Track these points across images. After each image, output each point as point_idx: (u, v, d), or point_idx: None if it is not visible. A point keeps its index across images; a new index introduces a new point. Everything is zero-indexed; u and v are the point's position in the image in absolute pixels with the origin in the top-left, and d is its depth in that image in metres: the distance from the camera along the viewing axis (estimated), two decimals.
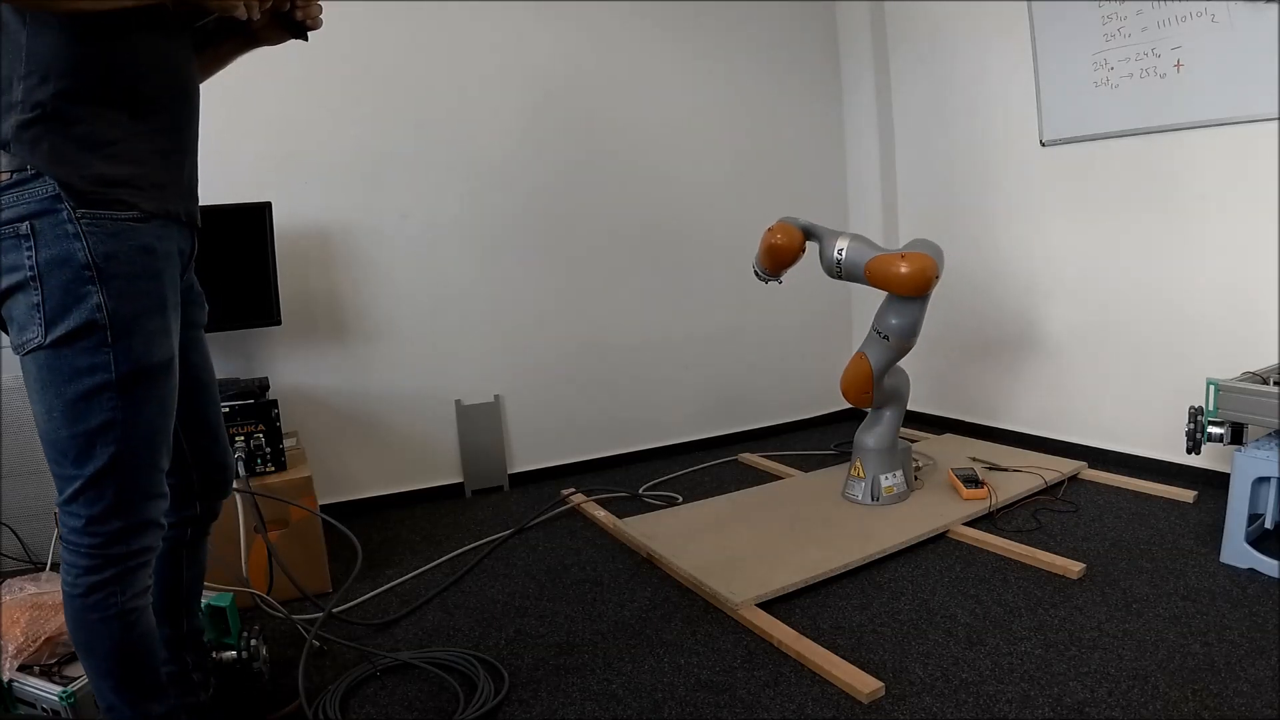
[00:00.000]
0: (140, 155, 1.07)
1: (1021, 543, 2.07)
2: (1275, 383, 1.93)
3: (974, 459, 2.73)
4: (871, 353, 2.33)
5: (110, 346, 1.03)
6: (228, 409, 1.97)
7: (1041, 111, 2.80)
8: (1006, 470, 2.60)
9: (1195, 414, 2.00)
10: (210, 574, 1.52)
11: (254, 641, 1.54)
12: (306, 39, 1.27)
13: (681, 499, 2.63)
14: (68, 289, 1.00)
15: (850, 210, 3.57)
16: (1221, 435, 1.95)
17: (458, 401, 2.84)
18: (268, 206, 2.32)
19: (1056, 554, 1.98)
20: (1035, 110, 2.81)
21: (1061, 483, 2.53)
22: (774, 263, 2.37)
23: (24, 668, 1.40)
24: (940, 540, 2.17)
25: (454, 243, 2.79)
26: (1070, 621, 1.69)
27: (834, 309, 3.57)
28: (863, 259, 2.20)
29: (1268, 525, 1.88)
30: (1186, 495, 2.34)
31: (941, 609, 1.79)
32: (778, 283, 2.48)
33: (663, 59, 3.10)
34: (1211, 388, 1.95)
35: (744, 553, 2.08)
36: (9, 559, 2.07)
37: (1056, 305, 2.88)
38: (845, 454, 2.77)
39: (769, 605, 1.82)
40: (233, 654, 1.52)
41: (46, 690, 1.36)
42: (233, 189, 2.31)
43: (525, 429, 2.97)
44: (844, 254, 2.23)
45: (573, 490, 2.74)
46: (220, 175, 2.09)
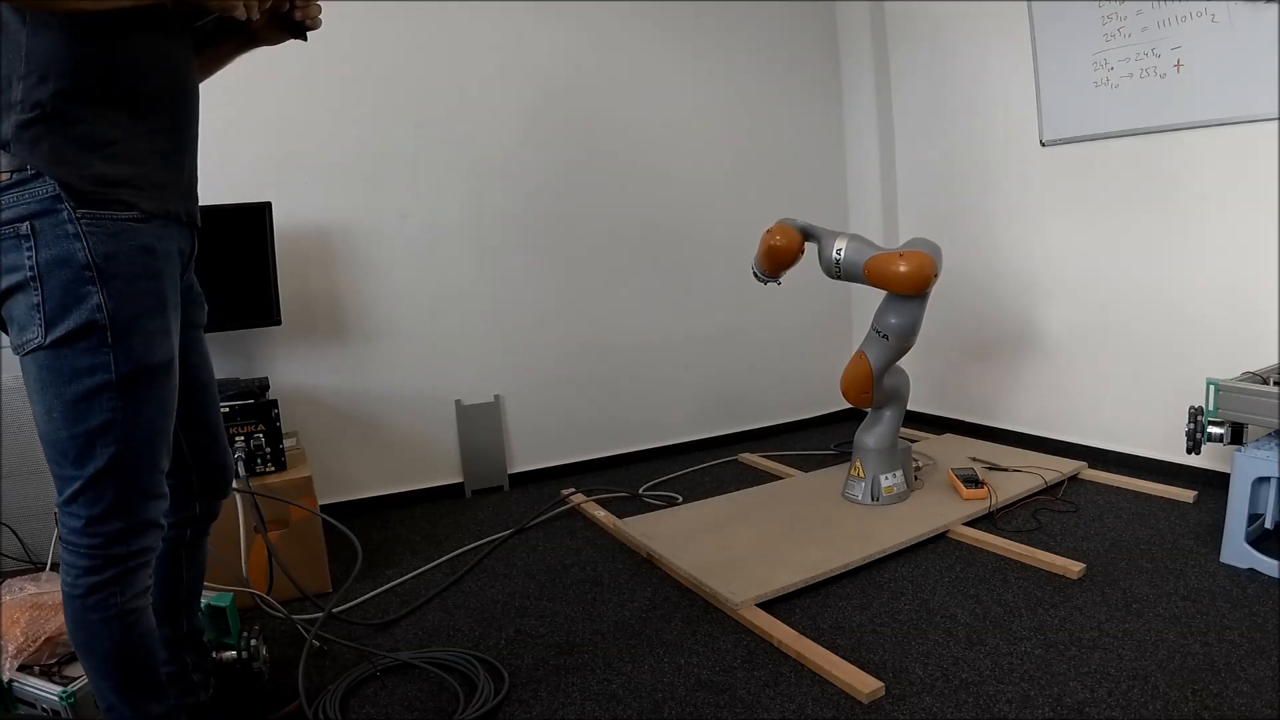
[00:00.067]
0: (140, 155, 1.07)
1: (1021, 543, 2.07)
2: (1275, 383, 1.93)
3: (974, 459, 2.73)
4: (871, 352, 2.33)
5: (110, 347, 1.03)
6: (228, 409, 1.97)
7: (1041, 111, 2.80)
8: (1006, 470, 2.60)
9: (1195, 414, 2.00)
10: (210, 574, 1.52)
11: (254, 641, 1.54)
12: (306, 39, 1.27)
13: (681, 499, 2.63)
14: (68, 289, 1.00)
15: (850, 210, 3.57)
16: (1221, 435, 1.95)
17: (458, 401, 2.84)
18: (268, 206, 2.32)
19: (1056, 554, 1.98)
20: (1035, 110, 2.81)
21: (1061, 483, 2.53)
22: (773, 264, 2.37)
23: (24, 668, 1.40)
24: (940, 540, 2.17)
25: (454, 243, 2.79)
26: (1070, 621, 1.69)
27: (834, 309, 3.57)
28: (861, 258, 2.21)
29: (1268, 525, 1.88)
30: (1186, 495, 2.34)
31: (941, 609, 1.79)
32: (777, 284, 2.48)
33: (663, 59, 3.10)
34: (1211, 388, 1.95)
35: (744, 553, 2.08)
36: (9, 559, 2.08)
37: (1056, 305, 2.88)
38: (845, 454, 2.77)
39: (769, 605, 1.82)
40: (233, 654, 1.52)
41: (46, 690, 1.36)
42: (233, 189, 2.31)
43: (525, 429, 2.97)
44: (842, 254, 2.23)
45: (573, 490, 2.74)
46: (220, 175, 2.09)
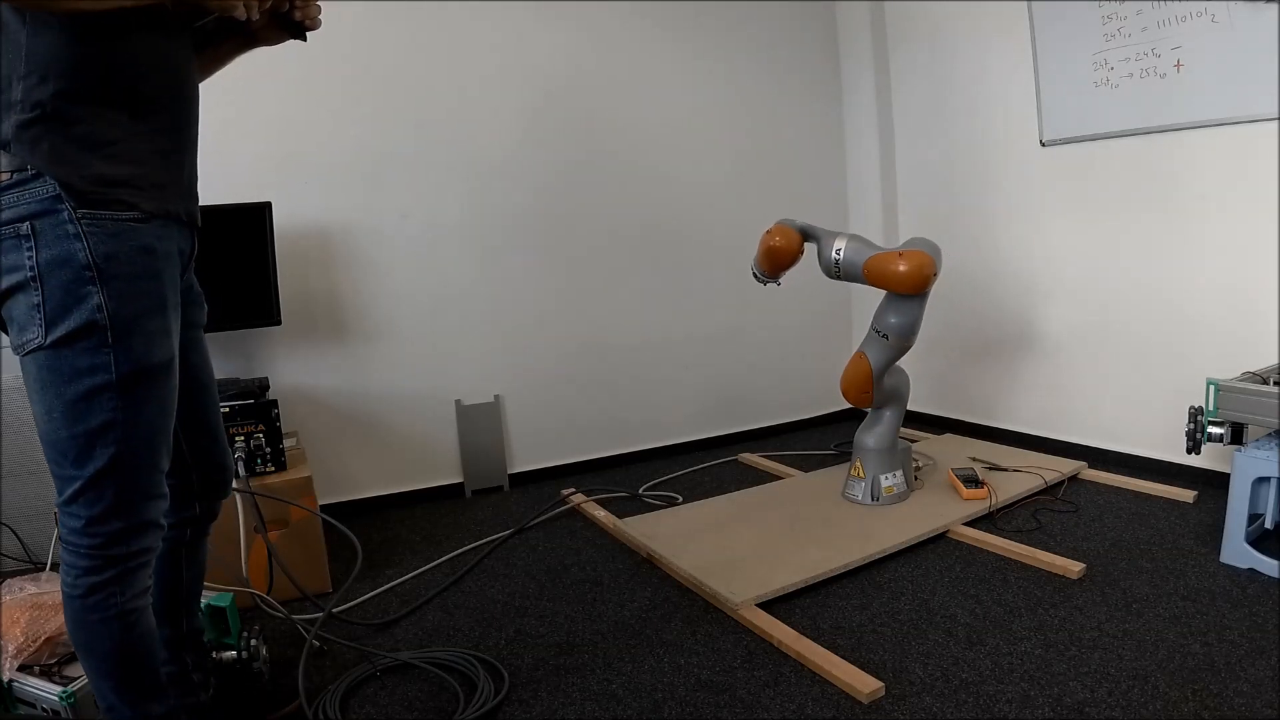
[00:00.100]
0: (140, 155, 1.07)
1: (1021, 543, 2.07)
2: (1275, 383, 1.93)
3: (974, 459, 2.73)
4: (871, 352, 2.33)
5: (110, 347, 1.03)
6: (228, 409, 1.97)
7: (1041, 111, 2.80)
8: (1006, 470, 2.60)
9: (1195, 414, 2.00)
10: (210, 574, 1.52)
11: (254, 641, 1.54)
12: (305, 39, 1.27)
13: (681, 499, 2.63)
14: (68, 289, 1.00)
15: (850, 210, 3.57)
16: (1221, 435, 1.95)
17: (458, 401, 2.84)
18: (268, 206, 2.32)
19: (1056, 554, 1.98)
20: (1035, 110, 2.81)
21: (1061, 483, 2.53)
22: (773, 265, 2.37)
23: (24, 668, 1.40)
24: (940, 540, 2.17)
25: (454, 243, 2.79)
26: (1070, 621, 1.69)
27: (834, 309, 3.57)
28: (861, 258, 2.21)
29: (1268, 525, 1.88)
30: (1186, 495, 2.34)
31: (941, 609, 1.79)
32: (776, 285, 2.48)
33: (663, 59, 3.10)
34: (1211, 388, 1.95)
35: (744, 553, 2.08)
36: (9, 559, 2.07)
37: (1056, 305, 2.88)
38: (845, 454, 2.77)
39: (769, 605, 1.82)
40: (233, 654, 1.52)
41: (46, 690, 1.36)
42: (233, 189, 2.31)
43: (525, 429, 2.97)
44: (842, 254, 2.23)
45: (573, 490, 2.74)
46: (220, 175, 2.08)
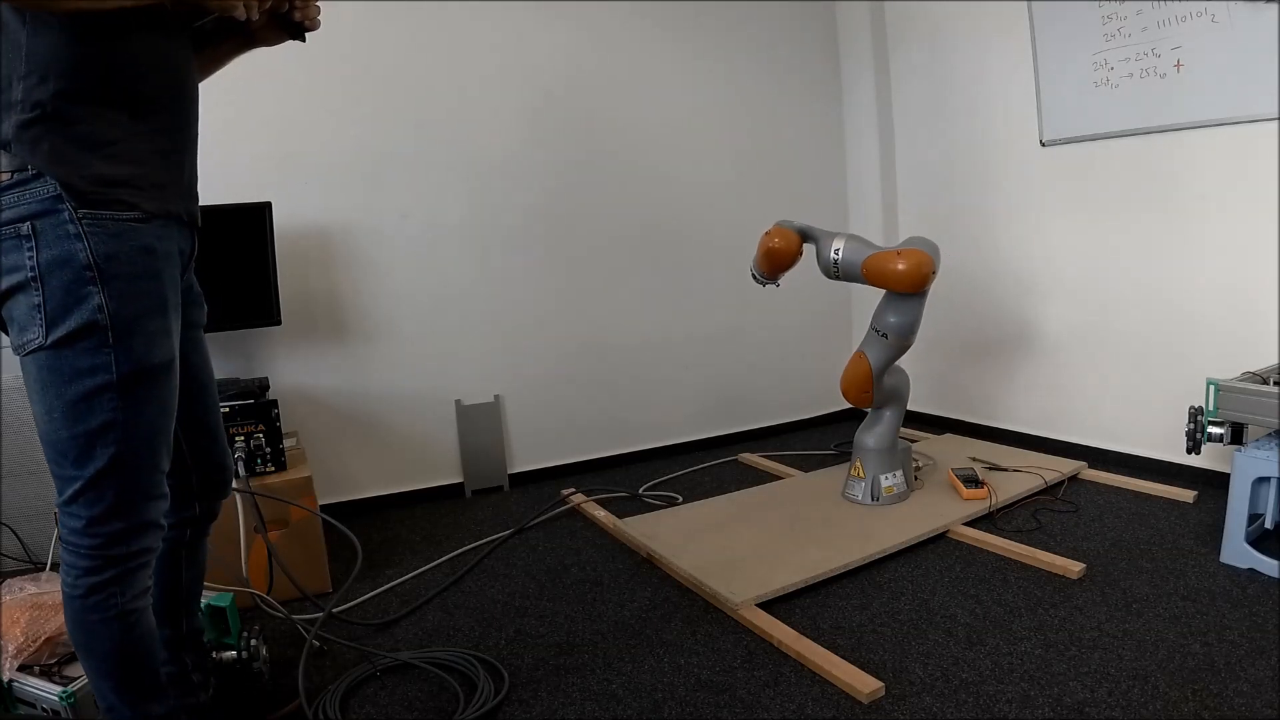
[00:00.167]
0: (140, 155, 1.07)
1: (1021, 543, 2.07)
2: (1275, 383, 1.93)
3: (974, 459, 2.73)
4: (871, 351, 2.33)
5: (111, 347, 1.03)
6: (228, 409, 1.97)
7: (1041, 111, 2.80)
8: (1006, 470, 2.60)
9: (1195, 414, 2.00)
10: (210, 574, 1.52)
11: (254, 641, 1.54)
12: (304, 40, 1.27)
13: (681, 499, 2.63)
14: (69, 290, 1.00)
15: (850, 210, 3.57)
16: (1221, 435, 1.95)
17: (458, 401, 2.84)
18: (268, 206, 2.32)
19: (1056, 554, 1.98)
20: (1035, 110, 2.81)
21: (1061, 483, 2.53)
22: (772, 266, 2.37)
23: (24, 668, 1.40)
24: (940, 540, 2.17)
25: (454, 243, 2.79)
26: (1070, 621, 1.69)
27: (834, 309, 3.57)
28: (859, 258, 2.21)
29: (1268, 525, 1.88)
30: (1186, 495, 2.34)
31: (941, 609, 1.79)
32: (775, 286, 2.48)
33: (663, 59, 3.10)
34: (1211, 388, 1.95)
35: (744, 553, 2.08)
36: (9, 559, 2.07)
37: (1056, 305, 2.88)
38: (845, 454, 2.77)
39: (769, 605, 1.82)
40: (233, 654, 1.52)
41: (46, 690, 1.36)
42: (233, 189, 2.30)
43: (525, 429, 2.97)
44: (840, 254, 2.23)
45: (573, 490, 2.74)
46: (220, 175, 2.08)
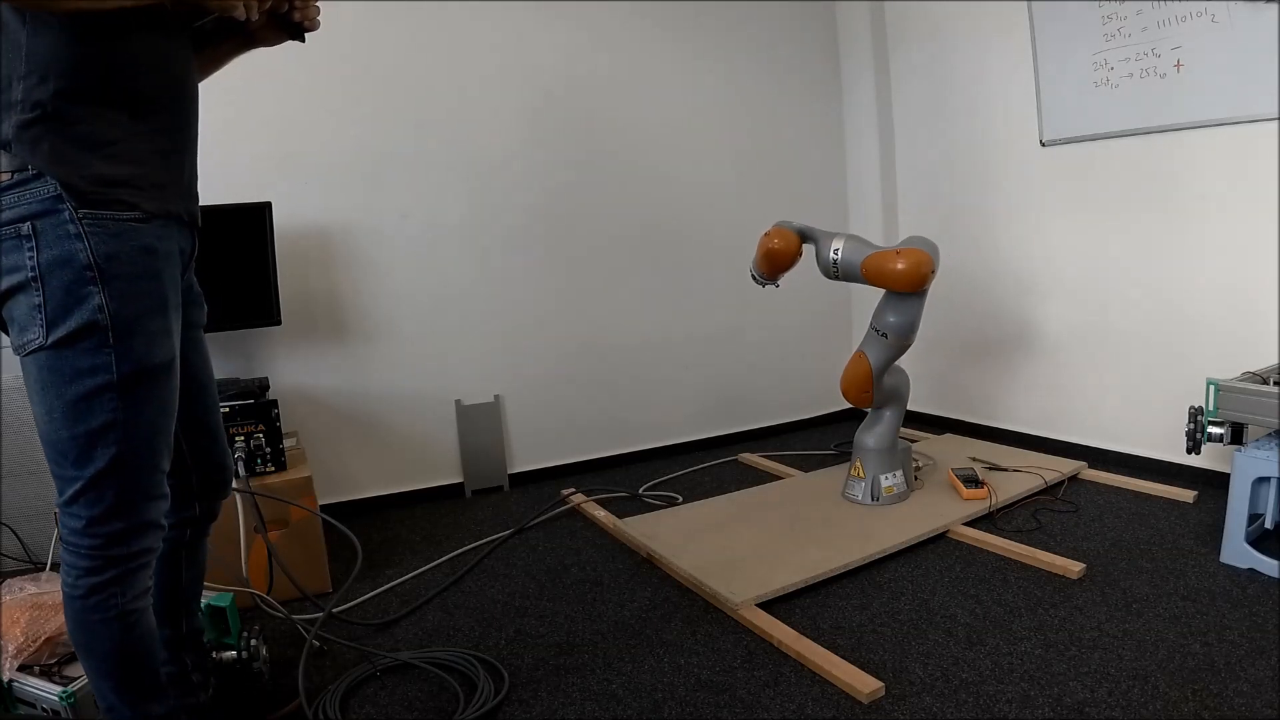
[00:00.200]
0: (140, 155, 1.07)
1: (1021, 543, 2.07)
2: (1275, 383, 1.93)
3: (974, 459, 2.73)
4: (871, 351, 2.33)
5: (111, 347, 1.02)
6: (228, 409, 1.97)
7: (1041, 111, 2.80)
8: (1006, 470, 2.60)
9: (1195, 414, 2.00)
10: (210, 574, 1.52)
11: (254, 641, 1.54)
12: (304, 40, 1.27)
13: (681, 499, 2.63)
14: (69, 290, 1.00)
15: (850, 210, 3.57)
16: (1221, 435, 1.95)
17: (458, 401, 2.84)
18: (268, 206, 2.32)
19: (1056, 554, 1.98)
20: (1035, 110, 2.81)
21: (1061, 483, 2.53)
22: (771, 267, 2.37)
23: (24, 668, 1.40)
24: (940, 540, 2.17)
25: (454, 243, 2.79)
26: (1070, 621, 1.69)
27: (834, 309, 3.57)
28: (858, 257, 2.21)
29: (1268, 525, 1.88)
30: (1186, 495, 2.34)
31: (941, 609, 1.79)
32: (775, 287, 2.48)
33: (663, 59, 3.10)
34: (1211, 388, 1.95)
35: (744, 553, 2.08)
36: (9, 559, 2.07)
37: (1056, 305, 2.88)
38: (845, 454, 2.77)
39: (769, 605, 1.82)
40: (233, 654, 1.52)
41: (46, 690, 1.36)
42: (233, 189, 2.31)
43: (525, 429, 2.97)
44: (839, 254, 2.23)
45: (573, 490, 2.74)
46: (220, 175, 2.09)
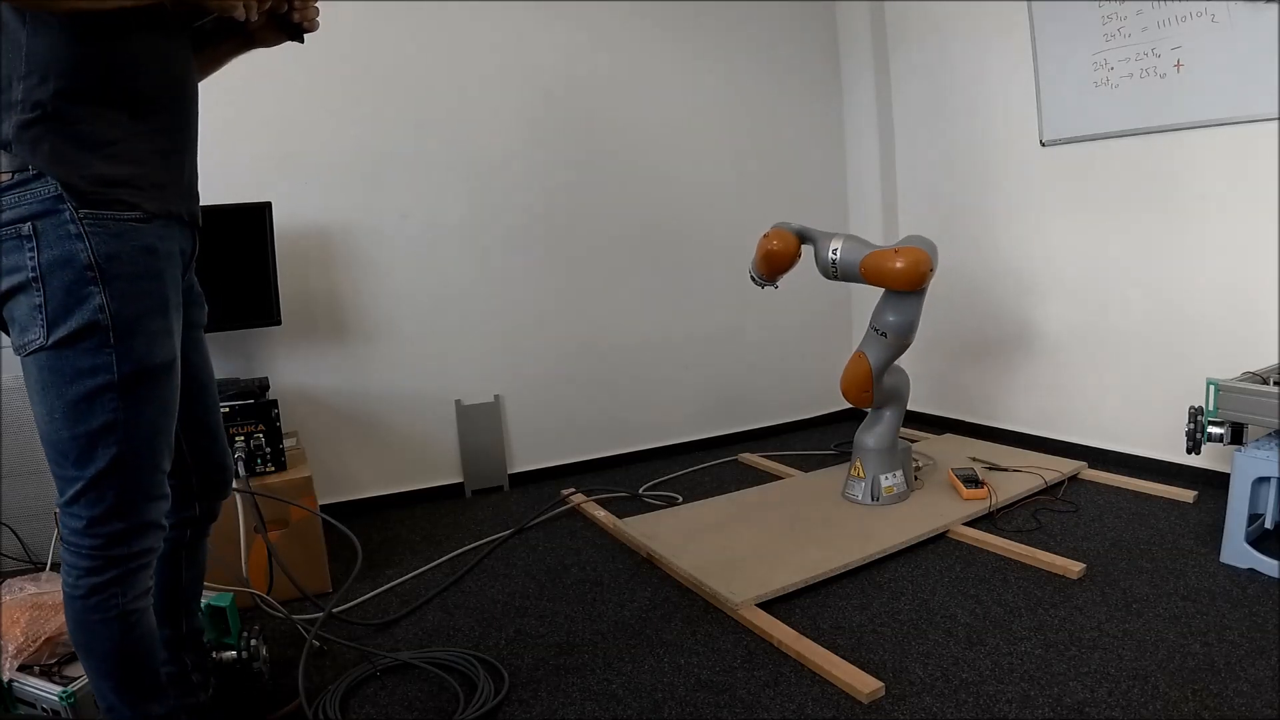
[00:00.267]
0: (140, 155, 1.07)
1: (1021, 543, 2.07)
2: (1275, 383, 1.93)
3: (974, 459, 2.73)
4: (870, 351, 2.33)
5: (112, 347, 1.02)
6: (228, 409, 1.97)
7: (1041, 111, 2.80)
8: (1006, 470, 2.60)
9: (1195, 414, 2.00)
10: (210, 574, 1.52)
11: (254, 641, 1.54)
12: (303, 41, 1.27)
13: (681, 499, 2.63)
14: (70, 290, 1.00)
15: (850, 210, 3.57)
16: (1221, 435, 1.95)
17: (458, 401, 2.84)
18: (268, 206, 2.32)
19: (1056, 554, 1.98)
20: (1035, 110, 2.81)
21: (1061, 483, 2.53)
22: (771, 268, 2.38)
23: (24, 668, 1.40)
24: (940, 540, 2.17)
25: (454, 243, 2.79)
26: (1070, 621, 1.69)
27: (833, 309, 3.57)
28: (857, 257, 2.21)
29: (1268, 525, 1.88)
30: (1186, 495, 2.34)
31: (941, 609, 1.79)
32: (774, 288, 2.48)
33: (663, 59, 3.10)
34: (1211, 388, 1.95)
35: (744, 553, 2.08)
36: (9, 559, 2.07)
37: (1056, 305, 2.88)
38: (845, 454, 2.77)
39: (769, 605, 1.82)
40: (233, 654, 1.52)
41: (46, 690, 1.36)
42: (233, 189, 2.30)
43: (525, 429, 2.97)
44: (838, 254, 2.24)
45: (573, 490, 2.74)
46: (220, 175, 2.08)
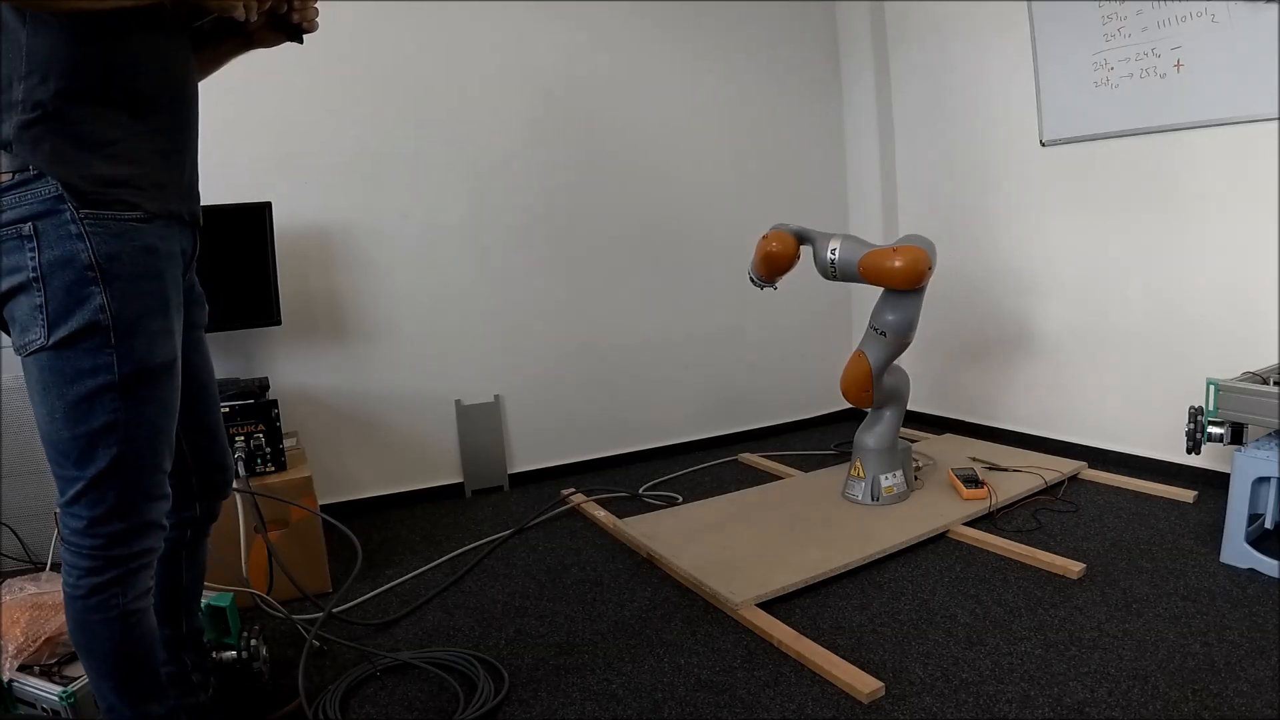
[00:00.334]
0: (140, 155, 1.07)
1: (1021, 543, 2.07)
2: (1275, 383, 1.93)
3: (974, 459, 2.73)
4: (870, 350, 2.33)
5: (113, 347, 1.02)
6: (228, 409, 1.97)
7: (1041, 111, 2.80)
8: (1006, 470, 2.60)
9: (1195, 414, 2.00)
10: (210, 574, 1.52)
11: (254, 641, 1.54)
12: (302, 42, 1.27)
13: (681, 499, 2.63)
14: (71, 290, 1.00)
15: (850, 210, 3.57)
16: (1221, 435, 1.95)
17: (458, 401, 2.84)
18: (268, 206, 2.32)
19: (1056, 554, 1.98)
20: (1035, 110, 2.81)
21: (1061, 483, 2.53)
22: (770, 269, 2.38)
23: (24, 668, 1.40)
24: (940, 540, 2.17)
25: (454, 243, 2.79)
26: (1070, 621, 1.69)
27: (833, 309, 3.57)
28: (855, 257, 2.21)
29: (1268, 525, 1.88)
30: (1186, 495, 2.34)
31: (941, 609, 1.79)
32: (773, 289, 2.48)
33: (663, 59, 3.10)
34: (1211, 388, 1.95)
35: (744, 553, 2.08)
36: (9, 559, 2.07)
37: (1056, 305, 2.88)
38: (845, 454, 2.77)
39: (769, 605, 1.82)
40: (233, 654, 1.52)
41: (46, 690, 1.36)
42: (233, 189, 2.30)
43: (525, 429, 2.97)
44: (837, 254, 2.24)
45: (573, 490, 2.74)
46: (220, 175, 2.08)
